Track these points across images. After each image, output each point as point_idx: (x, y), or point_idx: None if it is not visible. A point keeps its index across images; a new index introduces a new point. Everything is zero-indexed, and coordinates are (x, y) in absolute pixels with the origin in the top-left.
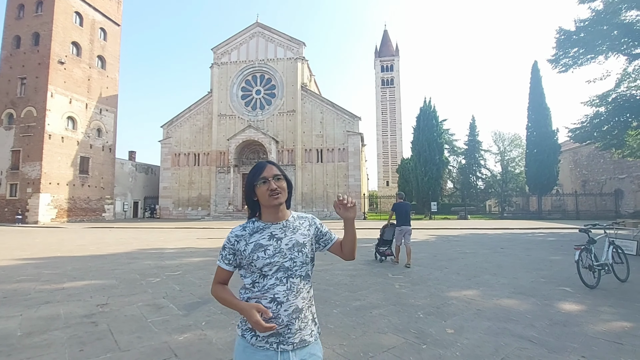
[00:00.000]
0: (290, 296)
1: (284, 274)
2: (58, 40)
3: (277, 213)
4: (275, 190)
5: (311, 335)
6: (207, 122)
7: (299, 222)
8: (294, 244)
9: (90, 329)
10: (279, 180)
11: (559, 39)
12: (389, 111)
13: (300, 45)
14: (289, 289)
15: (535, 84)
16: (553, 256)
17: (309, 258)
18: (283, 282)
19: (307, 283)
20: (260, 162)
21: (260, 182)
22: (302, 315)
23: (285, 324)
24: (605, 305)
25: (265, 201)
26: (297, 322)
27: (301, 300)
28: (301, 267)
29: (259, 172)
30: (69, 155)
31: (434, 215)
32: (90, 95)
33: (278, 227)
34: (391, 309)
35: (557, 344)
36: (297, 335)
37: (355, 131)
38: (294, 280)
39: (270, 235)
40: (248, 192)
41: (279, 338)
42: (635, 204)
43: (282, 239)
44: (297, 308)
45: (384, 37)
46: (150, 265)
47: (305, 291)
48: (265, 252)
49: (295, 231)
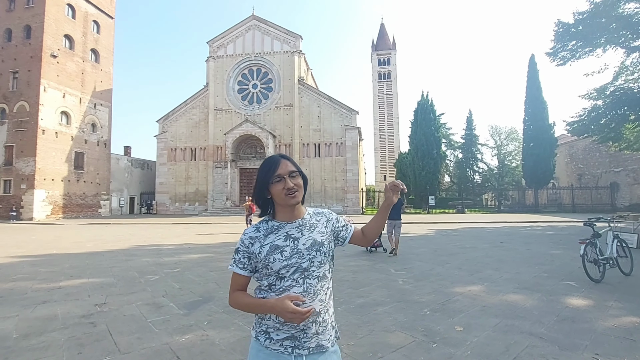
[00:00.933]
0: (307, 298)
1: (301, 274)
2: (50, 33)
3: (293, 212)
4: (292, 189)
5: (329, 340)
6: (203, 117)
7: (315, 219)
8: (312, 244)
9: (88, 330)
10: (294, 177)
11: (558, 31)
12: (386, 105)
13: (297, 38)
14: (305, 291)
15: (532, 77)
16: (553, 250)
17: (328, 258)
18: (299, 284)
19: (325, 284)
20: (272, 156)
21: (275, 180)
22: (319, 319)
23: (301, 327)
24: (611, 299)
25: (282, 200)
26: (313, 326)
27: (318, 302)
28: (319, 267)
29: (273, 168)
30: (64, 151)
31: (431, 209)
32: (84, 89)
33: (294, 226)
34: (396, 306)
35: (568, 341)
36: (313, 339)
37: (353, 125)
38: (311, 281)
39: (287, 235)
40: (260, 190)
41: (294, 342)
42: (631, 197)
43: (299, 239)
44: (315, 311)
45: (380, 30)
46: (148, 263)
47: (323, 293)
48: (282, 254)
49: (313, 229)
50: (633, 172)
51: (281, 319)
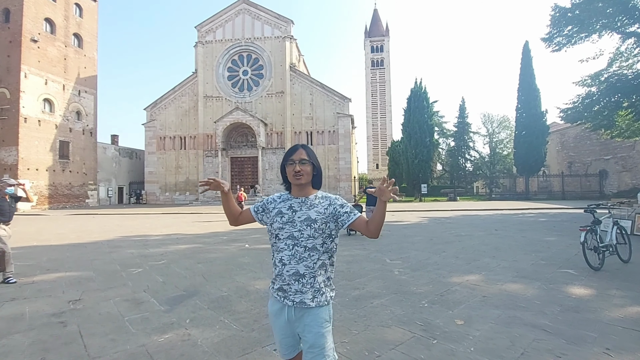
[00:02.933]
0: (293, 261)
1: (292, 241)
2: (30, 17)
3: (300, 190)
4: (298, 172)
5: (312, 300)
6: (192, 104)
7: (318, 201)
8: (305, 218)
9: (57, 331)
10: (303, 164)
11: (554, 16)
12: (379, 93)
13: (289, 23)
14: (293, 255)
15: (525, 64)
16: (548, 237)
17: (319, 233)
18: (289, 248)
19: (315, 254)
20: (295, 145)
21: (289, 163)
22: (303, 280)
23: (287, 282)
24: (612, 288)
25: (291, 180)
26: (296, 284)
27: (303, 267)
28: (307, 239)
29: (291, 154)
30: (47, 140)
31: (424, 197)
32: (67, 75)
33: (297, 202)
34: (393, 298)
35: (574, 333)
36: (297, 295)
37: (346, 113)
38: (299, 248)
39: (290, 206)
40: (282, 169)
41: (284, 294)
42: (619, 184)
43: (297, 212)
44: (298, 272)
45: (374, 16)
46: (132, 255)
47: (311, 261)
48: (281, 219)
49: (311, 208)
50: (622, 159)
51: (275, 270)
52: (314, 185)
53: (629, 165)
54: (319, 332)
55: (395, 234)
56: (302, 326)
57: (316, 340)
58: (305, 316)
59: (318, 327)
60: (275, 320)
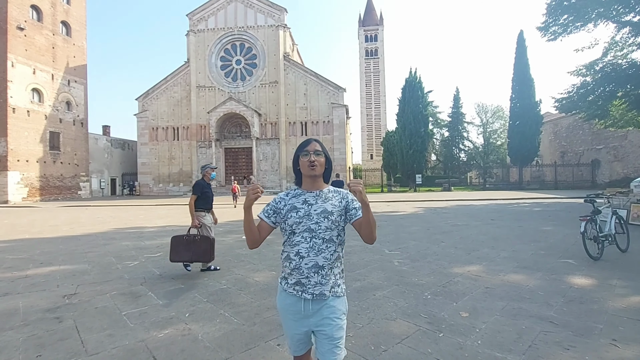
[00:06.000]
0: (312, 253)
1: (309, 234)
2: (15, 3)
3: (313, 183)
4: (313, 162)
5: (330, 291)
6: (185, 94)
7: (332, 194)
8: (322, 211)
9: (52, 327)
10: (318, 155)
11: (550, 4)
12: (373, 83)
13: (282, 11)
14: (311, 247)
15: (520, 54)
16: (545, 227)
17: (335, 225)
18: (307, 241)
19: (332, 247)
20: (308, 138)
21: (303, 154)
22: (322, 272)
23: (305, 275)
24: (614, 278)
25: (305, 171)
26: (316, 276)
27: (322, 259)
28: (325, 231)
29: (304, 146)
30: (37, 131)
31: (418, 187)
32: (56, 65)
33: (312, 195)
34: (395, 289)
35: (581, 325)
36: (316, 287)
37: (340, 103)
38: (317, 241)
39: (304, 200)
40: (294, 162)
41: (302, 287)
42: (611, 174)
43: (313, 205)
44: (317, 264)
45: (367, 5)
46: (128, 247)
47: (329, 253)
48: (297, 213)
49: (326, 201)
50: (614, 149)
51: (291, 265)
52: (325, 179)
53: (621, 155)
54: (338, 325)
55: (392, 224)
56: (320, 319)
57: (334, 332)
58: (323, 308)
59: (337, 319)
60: (287, 314)
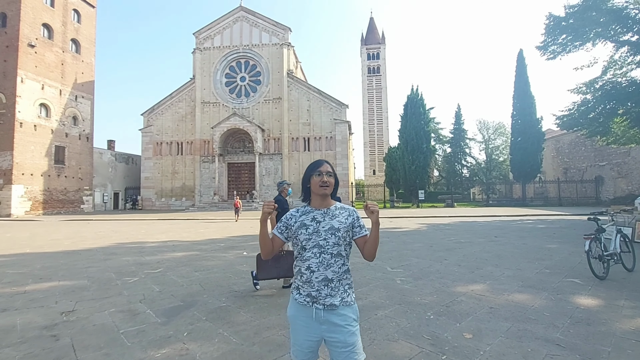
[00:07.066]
0: (321, 268)
1: (319, 250)
2: (27, 22)
3: (322, 201)
4: (325, 182)
5: (340, 302)
6: (190, 110)
7: (339, 211)
8: (329, 228)
9: (49, 345)
10: (329, 176)
11: (549, 25)
12: (376, 99)
13: (286, 30)
14: (320, 262)
15: (520, 72)
16: (549, 244)
17: (342, 241)
18: (317, 256)
19: (340, 261)
20: (319, 160)
21: (316, 174)
22: (332, 285)
23: (316, 288)
24: (621, 298)
25: (316, 190)
26: (325, 289)
27: (331, 272)
28: (333, 246)
29: (317, 166)
30: (43, 145)
31: (421, 203)
32: (65, 81)
33: (320, 213)
34: (397, 309)
35: (588, 348)
36: (327, 299)
37: (343, 119)
38: (326, 256)
39: (313, 218)
40: (304, 180)
41: (313, 299)
42: (615, 190)
43: (321, 222)
44: (327, 278)
45: (370, 24)
46: (128, 262)
47: (337, 266)
48: (306, 230)
49: (334, 218)
50: (617, 165)
51: (302, 278)
52: (332, 196)
53: (624, 172)
54: (350, 331)
55: (394, 240)
56: (331, 326)
57: (347, 339)
58: (333, 317)
59: (348, 326)
60: (297, 321)
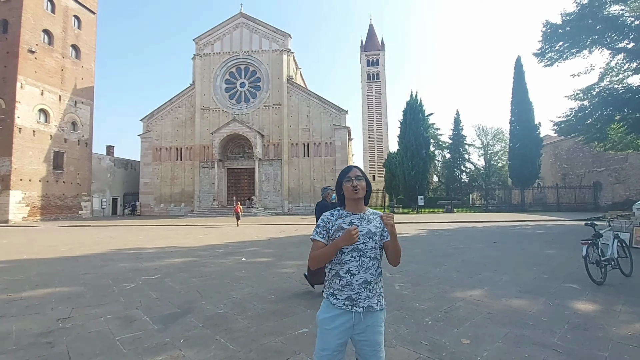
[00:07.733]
0: (361, 270)
1: (357, 253)
2: (28, 28)
3: (356, 205)
4: (356, 187)
5: (377, 304)
6: (189, 116)
7: (372, 216)
8: (367, 232)
9: (44, 352)
10: (359, 180)
11: (545, 32)
12: (375, 105)
13: (286, 37)
14: (360, 265)
15: (518, 79)
16: (547, 250)
17: (378, 245)
18: (356, 259)
19: (376, 263)
20: (349, 165)
21: (346, 180)
22: (370, 287)
23: (356, 290)
24: (618, 303)
25: (349, 194)
26: (365, 291)
27: (370, 275)
28: (371, 250)
29: (347, 172)
30: (42, 150)
31: (420, 208)
32: (64, 86)
33: (357, 217)
34: (395, 314)
35: (586, 353)
36: (366, 301)
37: (342, 125)
38: (365, 259)
39: (350, 222)
40: (338, 187)
41: (352, 302)
42: (613, 196)
43: (359, 227)
44: (366, 280)
45: (369, 31)
46: (125, 268)
47: (374, 269)
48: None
49: (370, 222)
50: (615, 171)
51: (341, 282)
52: (365, 201)
53: (622, 177)
54: (380, 331)
55: None
56: (364, 328)
57: (377, 338)
58: (369, 318)
59: (379, 327)
60: (331, 324)
